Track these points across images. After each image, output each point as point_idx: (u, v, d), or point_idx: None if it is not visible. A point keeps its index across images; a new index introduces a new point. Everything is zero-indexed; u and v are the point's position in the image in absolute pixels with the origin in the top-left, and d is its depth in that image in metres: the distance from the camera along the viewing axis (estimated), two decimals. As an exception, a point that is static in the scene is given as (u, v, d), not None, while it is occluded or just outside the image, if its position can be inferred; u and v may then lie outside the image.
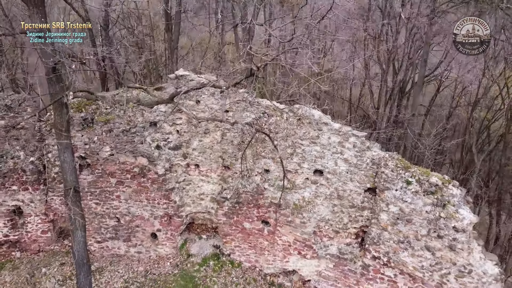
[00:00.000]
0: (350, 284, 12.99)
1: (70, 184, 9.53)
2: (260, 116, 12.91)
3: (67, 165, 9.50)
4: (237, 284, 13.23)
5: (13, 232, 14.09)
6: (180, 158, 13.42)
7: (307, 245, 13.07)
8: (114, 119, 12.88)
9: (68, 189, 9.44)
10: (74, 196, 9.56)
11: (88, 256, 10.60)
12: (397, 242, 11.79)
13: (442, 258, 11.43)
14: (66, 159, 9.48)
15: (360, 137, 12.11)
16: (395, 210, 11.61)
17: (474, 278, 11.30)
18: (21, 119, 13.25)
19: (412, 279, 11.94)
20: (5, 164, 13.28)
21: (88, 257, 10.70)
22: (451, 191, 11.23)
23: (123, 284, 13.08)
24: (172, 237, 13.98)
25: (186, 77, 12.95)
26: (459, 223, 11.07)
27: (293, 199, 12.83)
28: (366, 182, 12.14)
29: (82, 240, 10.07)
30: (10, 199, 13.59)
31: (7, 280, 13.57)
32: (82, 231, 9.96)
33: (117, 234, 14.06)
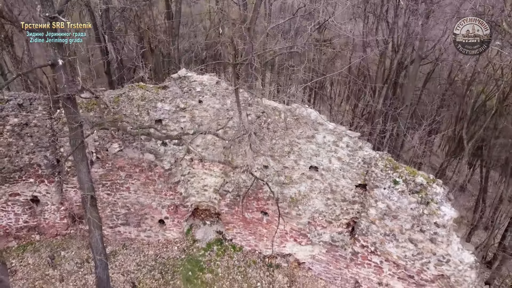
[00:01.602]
0: (341, 267, 14.38)
1: (87, 192, 10.51)
2: (260, 115, 13.64)
3: (83, 175, 10.42)
4: (239, 266, 14.63)
5: (32, 219, 15.29)
6: (185, 153, 14.30)
7: (302, 234, 14.32)
8: (122, 118, 13.61)
9: (86, 197, 10.44)
10: (91, 202, 10.57)
11: (105, 252, 11.82)
12: (383, 235, 12.99)
13: (424, 249, 12.67)
14: (82, 170, 10.38)
15: (353, 138, 12.92)
16: (382, 207, 12.69)
17: (451, 266, 12.60)
18: (33, 117, 14.05)
19: (396, 265, 13.27)
20: (21, 159, 14.20)
21: (106, 252, 11.92)
22: (435, 190, 12.24)
23: (136, 267, 14.48)
24: (178, 223, 15.21)
25: (189, 78, 13.53)
26: (440, 219, 12.18)
27: (290, 193, 13.88)
28: (357, 179, 13.12)
29: (99, 238, 11.21)
30: (27, 190, 14.65)
31: (30, 262, 14.96)
32: (98, 231, 11.07)
33: (128, 220, 15.28)
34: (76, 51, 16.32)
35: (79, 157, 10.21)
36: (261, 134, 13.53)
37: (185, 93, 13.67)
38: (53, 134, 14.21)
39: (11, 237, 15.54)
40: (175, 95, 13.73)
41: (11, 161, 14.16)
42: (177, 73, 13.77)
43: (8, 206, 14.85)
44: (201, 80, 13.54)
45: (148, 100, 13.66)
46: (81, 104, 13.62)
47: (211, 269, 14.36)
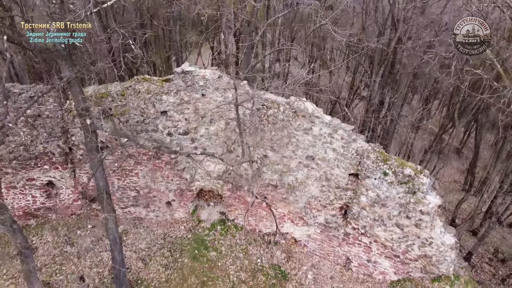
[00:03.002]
0: (334, 245, 15.73)
1: (102, 189, 11.54)
2: (260, 107, 14.39)
3: (99, 174, 11.40)
4: (240, 245, 15.99)
5: (49, 201, 16.46)
6: (189, 141, 15.19)
7: (299, 217, 15.55)
8: (129, 111, 14.38)
9: (101, 194, 11.49)
10: (107, 198, 11.63)
11: (120, 238, 13.05)
12: (373, 220, 14.18)
13: (409, 233, 13.91)
14: (98, 170, 11.34)
15: (347, 130, 13.77)
16: (372, 195, 13.78)
17: (433, 248, 13.90)
18: (45, 108, 14.80)
19: (383, 246, 14.58)
20: (36, 148, 15.10)
21: (121, 239, 13.15)
22: (422, 180, 13.27)
23: (146, 245, 15.84)
24: (184, 205, 16.42)
25: (192, 72, 14.13)
26: (425, 207, 13.31)
27: (288, 180, 14.92)
28: (350, 169, 14.11)
29: (113, 228, 12.39)
30: (43, 176, 15.69)
31: (49, 240, 16.30)
32: (113, 223, 12.23)
33: (138, 202, 16.45)
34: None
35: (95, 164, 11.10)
36: (261, 126, 14.36)
37: (189, 87, 14.34)
38: (65, 124, 15.02)
39: (30, 216, 16.80)
40: (179, 88, 14.40)
41: (27, 150, 15.08)
42: (180, 67, 14.36)
43: (26, 190, 15.95)
44: (203, 74, 14.15)
45: (154, 93, 14.34)
46: (90, 97, 14.34)
47: (215, 247, 15.73)
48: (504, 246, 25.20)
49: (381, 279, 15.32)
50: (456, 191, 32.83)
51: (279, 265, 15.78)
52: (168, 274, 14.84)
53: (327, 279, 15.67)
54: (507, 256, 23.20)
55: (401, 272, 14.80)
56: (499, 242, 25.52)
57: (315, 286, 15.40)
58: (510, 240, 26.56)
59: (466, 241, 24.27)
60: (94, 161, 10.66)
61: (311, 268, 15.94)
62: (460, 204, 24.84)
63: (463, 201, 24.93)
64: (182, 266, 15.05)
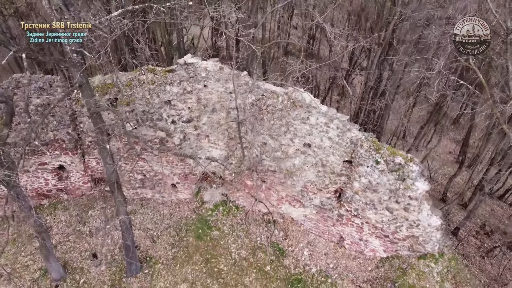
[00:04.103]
0: (328, 225, 16.85)
1: (113, 179, 12.46)
2: (259, 98, 15.05)
3: (109, 166, 12.26)
4: (241, 224, 17.12)
5: (60, 183, 17.44)
6: (192, 129, 15.95)
7: (296, 199, 16.57)
8: (135, 101, 15.05)
9: (112, 184, 12.42)
10: (117, 187, 12.57)
11: (129, 220, 14.10)
12: (364, 203, 15.20)
13: (398, 216, 14.96)
14: (108, 162, 12.20)
15: (342, 120, 14.51)
16: (365, 182, 14.72)
17: (420, 229, 15.00)
18: (53, 98, 15.45)
19: (374, 227, 15.69)
20: (47, 135, 15.89)
21: (130, 220, 14.21)
22: (411, 168, 14.14)
23: (154, 224, 16.97)
24: (188, 187, 17.41)
25: (194, 64, 14.68)
26: (413, 193, 14.27)
27: (286, 165, 15.82)
28: (344, 156, 14.96)
29: (124, 211, 13.42)
30: (54, 161, 16.58)
31: (62, 219, 17.43)
32: (123, 207, 13.24)
33: (144, 184, 17.44)
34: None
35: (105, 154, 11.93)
36: (261, 115, 15.08)
37: (191, 78, 14.93)
38: (73, 113, 15.74)
39: (43, 197, 17.83)
40: (182, 78, 14.99)
41: (38, 137, 15.86)
42: (183, 58, 14.88)
43: (39, 173, 16.89)
44: (205, 66, 14.71)
45: (158, 83, 14.96)
46: (97, 88, 14.99)
47: (218, 227, 16.87)
48: (493, 218, 26.34)
49: (372, 256, 16.55)
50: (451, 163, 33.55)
51: (277, 243, 16.98)
52: (174, 252, 16.06)
53: (322, 255, 16.91)
54: (494, 229, 24.43)
55: (390, 250, 15.99)
56: (488, 215, 26.63)
57: (310, 262, 16.66)
58: (498, 212, 27.69)
59: (456, 214, 25.41)
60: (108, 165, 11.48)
61: (307, 245, 17.14)
62: (451, 180, 25.85)
63: (454, 177, 25.91)
64: (188, 244, 16.24)
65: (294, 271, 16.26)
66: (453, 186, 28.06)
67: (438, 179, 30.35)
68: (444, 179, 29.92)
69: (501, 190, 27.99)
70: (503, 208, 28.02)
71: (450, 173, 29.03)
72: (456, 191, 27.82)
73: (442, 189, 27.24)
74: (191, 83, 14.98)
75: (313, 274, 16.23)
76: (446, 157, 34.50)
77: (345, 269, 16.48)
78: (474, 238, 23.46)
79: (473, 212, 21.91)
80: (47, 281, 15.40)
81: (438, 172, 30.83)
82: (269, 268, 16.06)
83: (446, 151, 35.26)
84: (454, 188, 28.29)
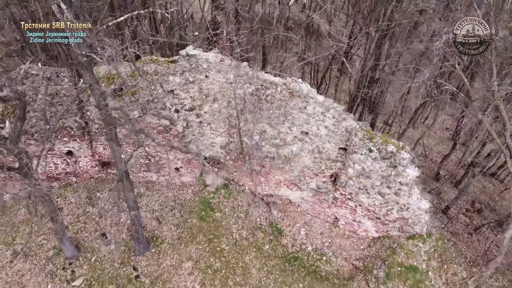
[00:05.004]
0: (324, 207, 17.84)
1: (122, 169, 13.29)
2: (258, 88, 15.65)
3: (118, 157, 13.06)
4: (242, 206, 18.11)
5: (69, 167, 18.31)
6: (195, 117, 16.64)
7: (293, 183, 17.47)
8: (139, 91, 15.67)
9: (121, 173, 13.25)
10: (125, 176, 13.42)
11: (136, 202, 15.05)
12: (358, 188, 16.10)
13: (389, 199, 15.90)
14: (117, 153, 12.99)
15: (338, 110, 15.19)
16: (358, 168, 15.56)
17: (410, 212, 15.97)
18: (61, 88, 16.06)
19: (367, 210, 16.67)
20: (56, 123, 16.59)
21: (137, 202, 15.16)
22: (402, 156, 14.95)
23: (159, 206, 17.97)
24: (191, 171, 18.28)
25: (196, 55, 15.20)
26: (404, 179, 15.15)
27: (284, 152, 16.61)
28: (340, 144, 15.74)
29: (132, 198, 14.35)
30: (63, 147, 17.37)
31: (72, 201, 18.40)
32: (131, 193, 14.17)
33: (149, 168, 18.30)
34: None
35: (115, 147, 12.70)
36: (260, 105, 15.74)
37: (193, 69, 15.48)
38: (80, 102, 16.38)
39: (52, 179, 18.73)
40: (184, 69, 15.55)
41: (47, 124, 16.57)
42: (185, 49, 15.38)
43: (48, 158, 17.69)
44: (206, 57, 15.23)
45: (161, 74, 15.52)
46: (102, 78, 15.57)
47: (220, 209, 17.86)
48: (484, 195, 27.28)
49: (364, 236, 17.63)
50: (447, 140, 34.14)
51: (275, 223, 18.03)
52: (179, 232, 17.13)
53: (318, 235, 18.00)
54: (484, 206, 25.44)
55: (381, 230, 17.05)
56: (479, 192, 27.56)
57: (307, 241, 17.76)
58: (490, 189, 28.63)
59: (448, 193, 26.37)
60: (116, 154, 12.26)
61: (303, 225, 18.20)
62: (445, 159, 26.67)
63: (448, 156, 26.73)
64: (191, 225, 17.29)
65: (291, 249, 17.38)
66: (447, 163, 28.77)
67: (433, 157, 30.99)
68: (439, 157, 30.40)
69: (494, 168, 28.74)
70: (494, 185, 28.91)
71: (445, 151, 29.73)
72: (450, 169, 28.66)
73: (436, 168, 27.98)
74: (193, 74, 15.54)
75: (309, 252, 17.36)
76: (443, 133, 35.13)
77: (339, 248, 17.61)
78: (464, 216, 24.48)
79: (463, 191, 22.82)
80: (60, 259, 16.52)
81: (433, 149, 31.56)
82: (268, 247, 17.17)
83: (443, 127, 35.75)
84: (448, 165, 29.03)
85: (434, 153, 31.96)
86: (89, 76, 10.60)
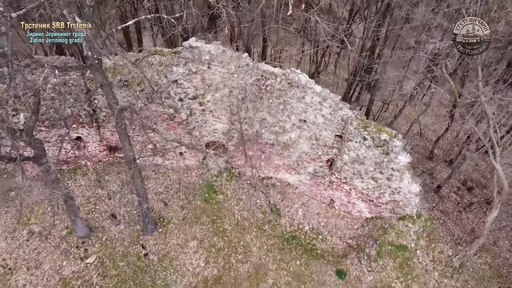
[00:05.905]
0: (320, 189, 18.87)
1: (131, 157, 14.20)
2: (259, 78, 16.32)
3: (127, 147, 13.94)
4: (243, 188, 19.14)
5: (78, 151, 19.20)
6: (198, 105, 17.39)
7: (292, 168, 18.42)
8: (144, 81, 16.34)
9: (130, 161, 14.18)
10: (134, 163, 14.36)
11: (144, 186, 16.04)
12: (352, 173, 17.07)
13: (382, 184, 16.90)
14: (125, 143, 13.85)
15: (334, 100, 15.94)
16: (353, 155, 16.46)
17: (401, 195, 17.01)
18: (69, 77, 16.73)
19: (360, 193, 17.70)
20: (65, 111, 17.35)
21: (145, 190, 16.15)
22: (395, 143, 15.84)
23: (164, 189, 18.99)
24: (195, 155, 19.19)
25: (198, 47, 15.78)
26: (396, 165, 16.09)
27: (283, 139, 17.46)
28: (336, 131, 16.57)
29: (140, 183, 15.34)
30: (73, 133, 18.20)
31: (82, 183, 19.41)
32: (139, 180, 15.15)
33: (154, 152, 19.20)
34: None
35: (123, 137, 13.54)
36: (260, 95, 16.46)
37: (196, 60, 16.09)
38: (88, 90, 17.08)
39: (63, 163, 19.67)
40: (187, 60, 16.17)
41: (57, 112, 17.34)
42: (188, 41, 15.94)
43: (58, 143, 18.56)
44: (208, 49, 15.82)
45: (165, 65, 16.15)
46: (109, 69, 16.22)
47: (222, 191, 18.90)
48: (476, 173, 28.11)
49: (358, 216, 18.76)
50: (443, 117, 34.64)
51: (275, 204, 19.13)
52: (184, 214, 18.24)
53: (314, 215, 19.13)
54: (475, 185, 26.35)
55: (374, 212, 18.15)
56: (472, 170, 28.38)
57: (304, 221, 18.90)
58: (482, 167, 29.43)
59: (441, 171, 27.26)
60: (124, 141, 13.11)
61: (301, 206, 19.31)
62: (439, 139, 27.40)
63: (442, 136, 27.46)
64: (196, 207, 18.38)
65: (290, 229, 18.55)
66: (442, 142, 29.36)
67: (429, 135, 31.64)
68: (434, 135, 30.89)
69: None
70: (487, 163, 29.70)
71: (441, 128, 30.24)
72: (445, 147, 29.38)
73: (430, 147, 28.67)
74: (196, 65, 16.17)
75: (306, 231, 18.54)
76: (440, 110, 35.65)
77: (334, 227, 18.78)
78: (455, 194, 25.42)
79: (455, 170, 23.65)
80: (73, 238, 17.69)
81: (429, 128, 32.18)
82: (268, 227, 18.32)
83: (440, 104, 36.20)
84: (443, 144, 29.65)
85: (430, 131, 32.38)
86: (100, 76, 11.32)
